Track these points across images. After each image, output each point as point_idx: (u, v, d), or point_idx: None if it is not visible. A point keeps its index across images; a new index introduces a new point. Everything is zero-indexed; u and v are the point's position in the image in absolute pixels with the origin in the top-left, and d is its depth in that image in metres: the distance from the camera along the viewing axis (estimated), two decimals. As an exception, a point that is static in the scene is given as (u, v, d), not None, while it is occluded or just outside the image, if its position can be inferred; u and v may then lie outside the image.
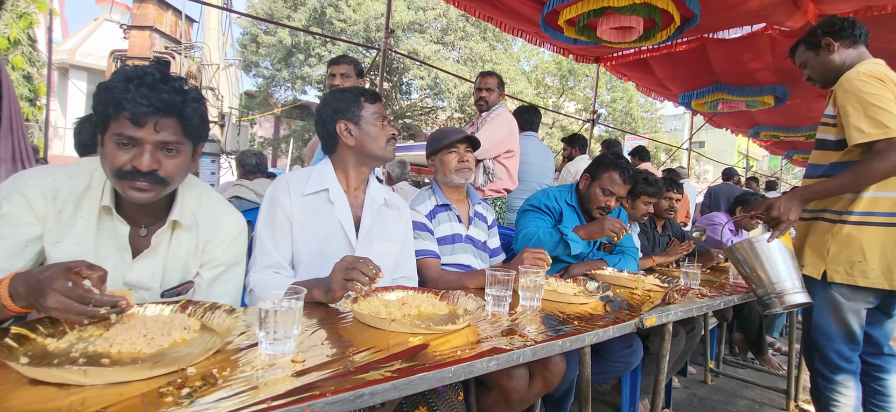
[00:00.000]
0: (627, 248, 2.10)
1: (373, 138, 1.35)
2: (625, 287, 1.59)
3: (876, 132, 1.46)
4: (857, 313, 1.60)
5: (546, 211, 1.96)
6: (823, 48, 1.70)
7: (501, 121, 2.59)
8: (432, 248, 1.61)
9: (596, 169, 1.95)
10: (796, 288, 1.58)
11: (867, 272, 1.53)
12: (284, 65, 16.67)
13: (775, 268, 1.58)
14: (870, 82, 1.49)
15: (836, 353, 1.64)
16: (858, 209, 1.56)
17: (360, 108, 1.35)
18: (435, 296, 1.18)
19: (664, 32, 4.88)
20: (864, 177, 1.51)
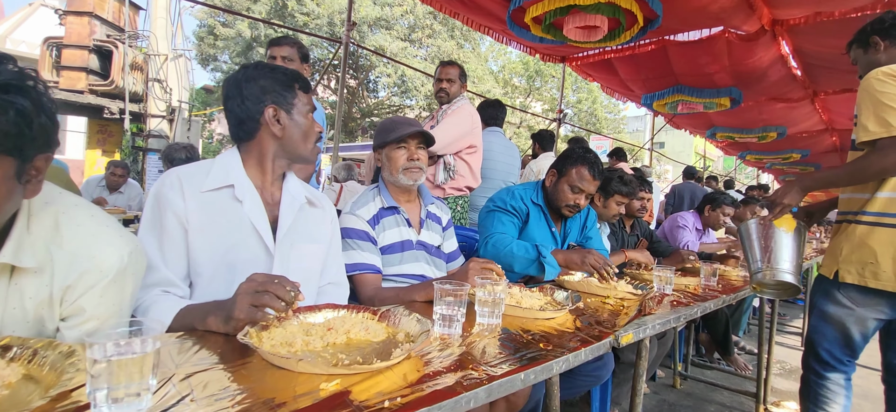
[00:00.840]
0: (598, 250, 1.95)
1: (302, 134, 1.14)
2: (596, 296, 1.45)
3: (880, 130, 1.44)
4: (862, 322, 1.56)
5: (512, 211, 1.79)
6: (871, 46, 1.67)
7: (463, 114, 2.41)
8: (371, 261, 1.39)
9: (563, 164, 1.79)
10: (787, 269, 1.59)
11: (878, 273, 1.50)
12: (244, 59, 15.86)
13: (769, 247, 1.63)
14: (886, 81, 1.46)
15: (828, 353, 1.63)
16: (873, 209, 1.54)
17: (294, 94, 1.13)
18: (372, 316, 0.98)
19: (628, 33, 4.94)
20: (860, 170, 1.50)
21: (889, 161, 1.45)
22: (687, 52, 5.99)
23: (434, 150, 2.33)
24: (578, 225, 1.98)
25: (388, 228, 1.48)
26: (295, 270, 1.10)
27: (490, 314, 1.04)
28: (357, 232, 1.41)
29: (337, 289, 1.25)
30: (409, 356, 0.80)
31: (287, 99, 1.12)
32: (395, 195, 1.52)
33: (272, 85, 1.11)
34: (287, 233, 1.11)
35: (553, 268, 1.61)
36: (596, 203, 2.30)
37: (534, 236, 1.78)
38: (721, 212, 3.06)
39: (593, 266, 1.57)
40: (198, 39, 17.16)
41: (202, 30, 16.78)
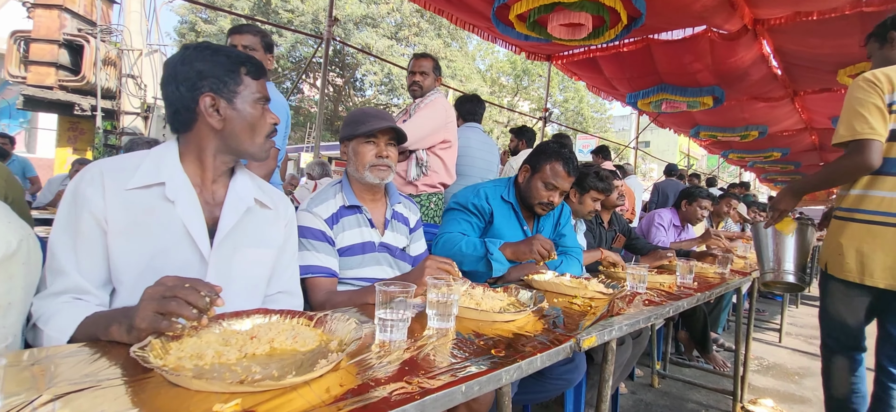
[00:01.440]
0: (570, 248, 1.88)
1: (247, 127, 1.00)
2: (564, 295, 1.39)
3: (846, 134, 1.57)
4: (851, 308, 1.65)
5: (474, 211, 1.70)
6: (888, 42, 1.72)
7: (437, 107, 2.32)
8: (326, 264, 1.29)
9: (537, 160, 1.71)
10: (792, 270, 1.76)
11: (844, 266, 1.61)
12: (226, 56, 15.51)
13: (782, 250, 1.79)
14: (862, 86, 1.57)
15: (830, 338, 1.75)
16: (845, 205, 1.65)
17: (238, 81, 0.99)
18: (307, 322, 0.89)
19: (612, 31, 4.96)
20: (830, 171, 1.64)
21: (854, 162, 1.56)
22: (670, 51, 6.04)
23: (405, 145, 2.25)
24: (551, 222, 1.89)
25: (347, 228, 1.37)
26: (237, 278, 1.00)
27: (441, 317, 0.96)
28: (312, 231, 1.30)
29: (289, 300, 1.15)
30: (338, 367, 0.72)
31: (228, 86, 0.98)
32: (358, 193, 1.41)
33: (211, 69, 0.96)
34: (227, 237, 0.99)
35: (500, 264, 1.52)
36: (571, 200, 2.24)
37: (502, 235, 1.69)
38: (697, 205, 3.03)
39: (540, 251, 1.48)
40: (179, 36, 16.80)
41: (184, 26, 16.43)
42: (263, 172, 1.79)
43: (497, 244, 1.56)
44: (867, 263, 1.57)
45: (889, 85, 1.55)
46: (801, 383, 2.96)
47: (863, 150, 1.55)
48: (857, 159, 1.56)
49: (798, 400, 2.70)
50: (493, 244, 1.55)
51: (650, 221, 3.07)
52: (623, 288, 1.51)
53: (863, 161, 1.55)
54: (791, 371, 3.17)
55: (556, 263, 1.77)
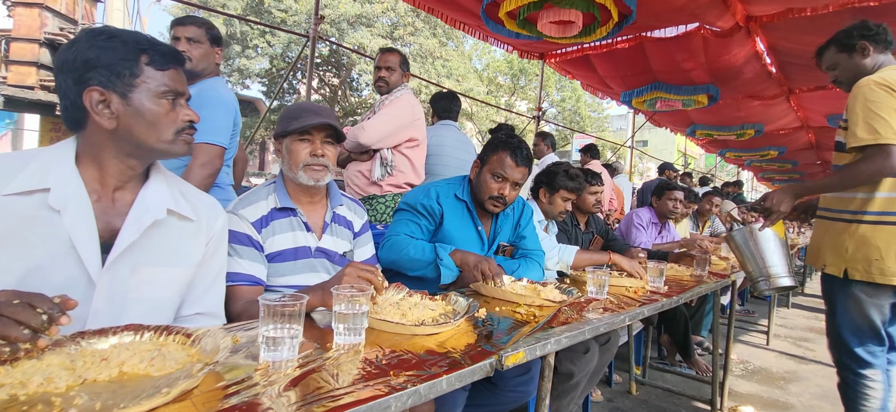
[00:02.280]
0: (530, 251, 1.76)
1: (149, 126, 0.88)
2: (510, 302, 1.28)
3: (868, 137, 1.54)
4: (880, 309, 1.64)
5: (423, 212, 1.59)
6: (858, 51, 1.73)
7: (402, 104, 2.22)
8: (249, 271, 1.19)
9: (485, 152, 1.62)
10: (784, 272, 1.72)
11: (885, 269, 1.58)
12: (220, 56, 15.46)
13: (767, 254, 1.74)
14: (878, 90, 1.55)
15: (863, 348, 1.68)
16: (874, 209, 1.62)
17: (136, 72, 0.87)
18: (184, 340, 0.78)
19: (603, 28, 4.92)
20: (850, 178, 1.60)
21: (876, 167, 1.53)
22: (664, 49, 5.97)
23: (369, 143, 2.16)
24: (511, 222, 1.78)
25: (279, 232, 1.27)
26: (135, 301, 0.90)
27: (348, 331, 0.86)
28: (236, 236, 1.19)
29: (209, 323, 1.03)
30: (187, 395, 0.62)
31: (123, 78, 0.86)
32: (294, 194, 1.31)
33: (102, 58, 0.84)
34: (125, 254, 0.88)
35: (450, 270, 1.42)
36: (541, 199, 2.14)
37: (453, 237, 1.59)
38: (668, 198, 2.93)
39: (482, 271, 1.36)
40: (173, 37, 16.68)
41: (178, 26, 16.32)
42: (204, 174, 1.68)
43: (447, 249, 1.45)
44: None
45: None
46: (786, 388, 2.86)
47: (886, 154, 1.52)
48: (882, 164, 1.53)
49: (782, 406, 2.60)
50: (444, 249, 1.44)
51: (629, 222, 2.97)
52: (581, 294, 1.41)
53: (884, 166, 1.53)
54: (777, 375, 3.07)
55: (515, 266, 1.67)
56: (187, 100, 0.97)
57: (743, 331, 4.09)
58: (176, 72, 0.93)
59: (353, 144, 2.16)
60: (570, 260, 2.00)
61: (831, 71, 1.82)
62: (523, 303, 1.24)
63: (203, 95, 1.74)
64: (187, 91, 0.97)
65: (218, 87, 1.81)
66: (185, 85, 0.95)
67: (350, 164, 2.27)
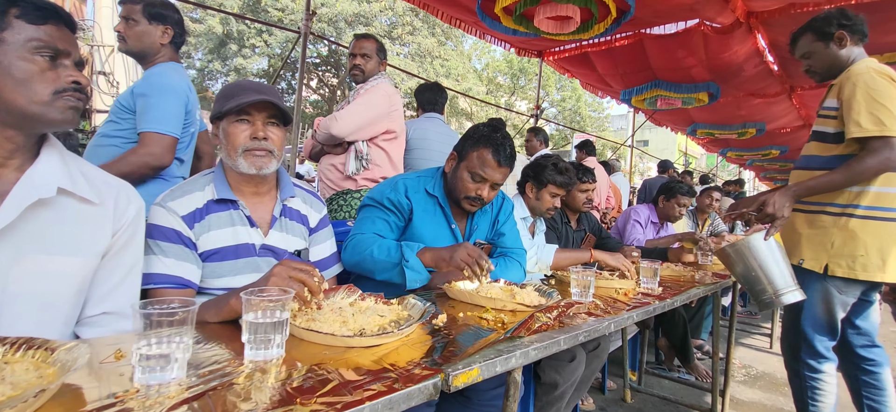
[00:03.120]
0: (510, 250, 1.61)
1: (18, 82, 0.77)
2: (478, 306, 1.13)
3: (873, 129, 1.46)
4: (845, 305, 1.63)
5: (390, 208, 1.44)
6: (835, 41, 1.66)
7: (379, 94, 2.10)
8: (173, 272, 1.04)
9: (463, 145, 1.45)
10: (790, 286, 1.59)
11: (867, 265, 1.55)
12: (216, 56, 15.39)
13: (770, 267, 1.61)
14: (879, 79, 1.49)
15: (822, 344, 1.67)
16: (864, 203, 1.56)
17: (4, 24, 0.77)
18: (46, 356, 0.63)
19: (601, 25, 4.89)
20: (856, 173, 1.52)
21: (882, 160, 1.46)
22: (663, 46, 5.89)
23: (342, 134, 2.04)
24: (488, 219, 1.61)
25: (215, 227, 1.11)
26: (17, 296, 0.79)
27: (259, 344, 0.72)
28: (162, 230, 1.04)
29: (117, 323, 0.91)
30: None
31: None
32: (235, 185, 1.15)
33: None
34: (3, 240, 0.76)
35: (416, 273, 1.26)
36: (528, 194, 2.01)
37: (424, 236, 1.43)
38: (676, 202, 2.78)
39: (464, 263, 1.20)
40: (171, 36, 16.64)
41: (175, 26, 16.28)
42: (141, 162, 1.53)
43: (415, 248, 1.29)
44: (887, 260, 1.54)
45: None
46: (791, 395, 2.73)
47: (894, 147, 1.46)
48: (888, 156, 1.46)
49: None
50: (410, 249, 1.28)
51: (626, 218, 2.84)
52: (564, 297, 1.29)
53: (891, 158, 1.46)
54: (781, 381, 2.94)
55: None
56: (82, 67, 0.86)
57: (745, 334, 3.96)
58: (56, 28, 0.82)
59: (325, 136, 2.05)
60: (549, 260, 1.86)
61: (805, 59, 1.74)
62: (491, 309, 1.10)
63: (149, 81, 1.63)
64: (77, 53, 0.86)
65: (166, 72, 1.67)
66: (72, 45, 0.84)
67: (323, 158, 2.15)
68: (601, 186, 4.27)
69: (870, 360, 1.70)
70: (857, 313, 1.70)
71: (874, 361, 1.70)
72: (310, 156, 2.23)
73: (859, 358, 1.72)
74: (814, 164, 1.70)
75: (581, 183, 2.29)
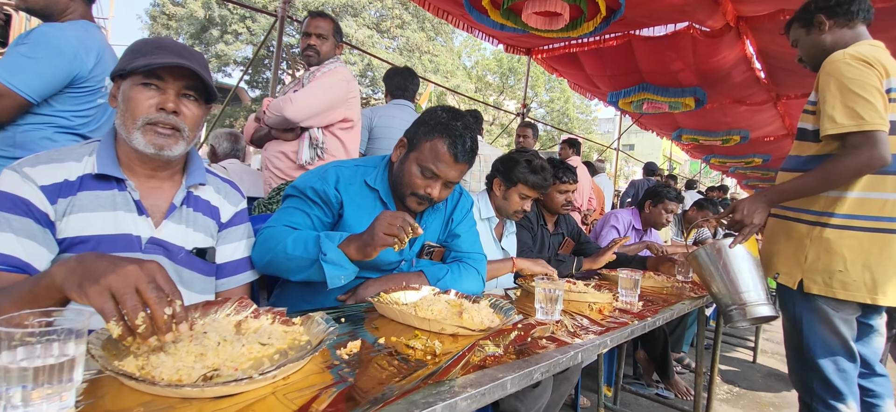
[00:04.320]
0: (466, 254, 1.34)
1: None
2: (410, 328, 0.90)
3: (849, 123, 1.28)
4: (849, 324, 1.41)
5: (314, 199, 1.19)
6: (815, 26, 1.52)
7: (337, 78, 1.87)
8: (13, 251, 0.81)
9: (415, 132, 1.21)
10: (762, 299, 1.44)
11: (848, 283, 1.35)
12: (198, 42, 14.86)
13: (739, 277, 1.46)
14: (854, 65, 1.31)
15: (839, 376, 1.41)
16: (842, 211, 1.37)
17: None
18: None
19: (590, 23, 4.84)
20: (833, 175, 1.34)
21: (863, 159, 1.28)
22: (652, 48, 5.82)
23: (297, 119, 1.80)
24: (441, 218, 1.35)
25: (88, 209, 0.88)
26: None
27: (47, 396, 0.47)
28: (7, 198, 0.82)
29: None
30: None
31: None
32: (127, 161, 0.93)
33: None
34: None
35: (338, 268, 0.98)
36: (495, 192, 1.79)
37: None
38: (663, 208, 2.58)
39: (390, 231, 0.95)
40: (151, 19, 16.11)
41: (154, 8, 15.75)
42: None
43: (336, 239, 1.03)
44: (877, 278, 1.32)
45: (883, 68, 1.32)
46: (774, 415, 2.59)
47: (872, 143, 1.26)
48: (870, 155, 1.26)
49: (770, 436, 2.33)
50: (330, 240, 1.02)
51: (605, 221, 2.64)
52: (527, 314, 1.08)
53: (872, 157, 1.27)
54: (766, 399, 2.81)
55: (440, 273, 1.26)
56: None
57: (728, 346, 3.84)
58: None
59: (277, 119, 1.80)
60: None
61: (795, 47, 1.63)
62: (422, 333, 0.85)
63: (32, 33, 1.40)
64: None
65: (55, 29, 1.42)
66: None
67: (270, 143, 1.91)
68: (583, 187, 4.10)
69: (869, 391, 1.50)
70: (858, 338, 1.48)
71: (873, 392, 1.49)
72: (252, 140, 1.99)
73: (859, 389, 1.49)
74: (791, 165, 1.54)
75: (561, 183, 2.08)
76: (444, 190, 1.21)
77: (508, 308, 1.02)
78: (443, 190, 1.21)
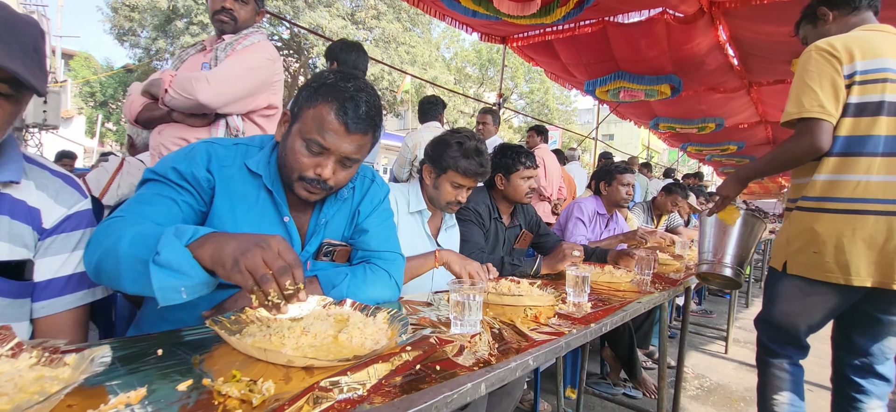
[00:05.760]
0: (375, 253, 1.11)
1: None
2: (273, 355, 0.66)
3: (794, 111, 1.41)
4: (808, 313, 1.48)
5: (178, 182, 0.92)
6: (820, 19, 1.59)
7: (260, 57, 1.59)
8: None
9: (299, 100, 0.95)
10: (728, 263, 1.63)
11: (823, 265, 1.40)
12: (162, 33, 14.21)
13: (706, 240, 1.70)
14: (815, 57, 1.41)
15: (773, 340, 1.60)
16: (813, 193, 1.43)
17: None
18: None
19: (563, 9, 4.78)
20: (781, 157, 1.46)
21: (800, 145, 1.39)
22: (627, 35, 5.76)
23: (215, 104, 1.53)
24: (347, 210, 1.11)
25: None
26: None
27: None
28: None
29: None
30: None
31: None
32: None
33: None
34: None
35: (176, 278, 0.68)
36: (425, 181, 1.56)
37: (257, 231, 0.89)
38: (618, 182, 2.42)
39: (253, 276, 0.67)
40: (112, 10, 15.36)
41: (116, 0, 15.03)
42: None
43: (188, 234, 0.73)
44: (851, 260, 1.35)
45: (847, 54, 1.38)
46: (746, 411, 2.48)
47: (811, 130, 1.37)
48: (805, 142, 1.39)
49: (741, 434, 2.21)
50: (179, 236, 0.72)
51: (569, 213, 2.46)
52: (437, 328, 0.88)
53: (810, 143, 1.37)
54: (737, 394, 2.70)
55: (339, 278, 1.01)
56: None
57: (698, 336, 3.74)
58: None
59: (186, 102, 1.51)
60: None
61: (805, 45, 1.61)
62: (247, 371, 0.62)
63: None
64: None
65: None
66: None
67: (166, 127, 1.58)
68: (553, 176, 3.94)
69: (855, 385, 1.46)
70: (857, 326, 1.47)
71: (864, 390, 1.45)
72: (138, 119, 1.64)
73: (845, 381, 1.50)
74: None
75: (524, 168, 1.87)
76: (342, 170, 0.97)
77: (404, 317, 0.81)
78: (339, 170, 0.96)
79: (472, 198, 1.92)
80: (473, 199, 1.90)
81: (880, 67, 1.34)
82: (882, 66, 1.34)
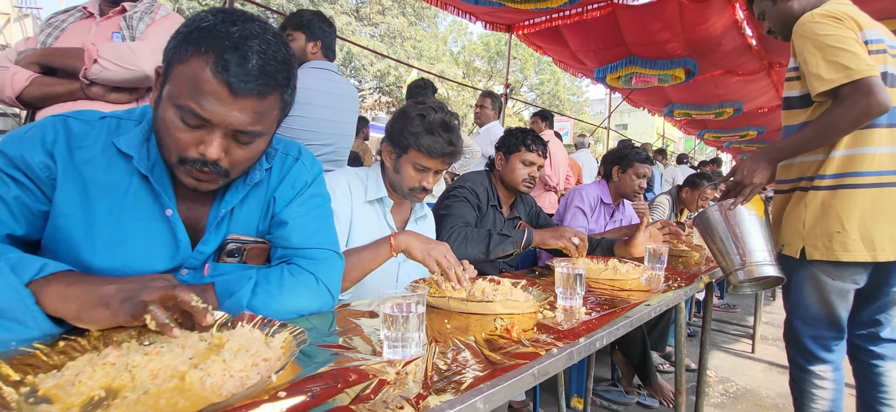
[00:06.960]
0: (296, 253, 0.85)
1: None
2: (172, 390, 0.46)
3: (838, 76, 1.30)
4: (844, 295, 1.42)
5: (5, 172, 0.69)
6: None
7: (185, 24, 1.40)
8: None
9: (168, 58, 0.69)
10: (767, 260, 1.41)
11: (848, 244, 1.35)
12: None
13: (746, 238, 1.45)
14: (825, 22, 1.35)
15: (813, 340, 1.49)
16: (831, 171, 1.38)
17: None
18: None
19: None
20: (830, 128, 1.34)
21: (859, 108, 1.27)
22: (637, 18, 5.52)
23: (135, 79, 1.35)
24: (261, 198, 0.85)
25: None
26: None
27: None
28: None
29: None
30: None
31: None
32: None
33: None
34: None
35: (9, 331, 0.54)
36: (385, 163, 1.31)
37: (96, 238, 0.73)
38: (634, 172, 2.13)
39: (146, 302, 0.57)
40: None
41: None
42: None
43: (32, 269, 0.60)
44: (874, 236, 1.32)
45: (854, 23, 1.33)
46: (776, 417, 2.20)
47: (868, 91, 1.25)
48: (861, 104, 1.26)
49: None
50: (16, 271, 0.60)
51: (568, 201, 2.18)
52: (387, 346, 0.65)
53: (870, 105, 1.25)
54: (768, 400, 2.41)
55: (239, 285, 0.76)
56: None
57: (721, 334, 3.44)
58: None
59: (128, 73, 1.32)
60: None
61: (762, 20, 1.61)
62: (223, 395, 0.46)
63: None
64: None
65: None
66: None
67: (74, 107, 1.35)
68: (559, 164, 3.67)
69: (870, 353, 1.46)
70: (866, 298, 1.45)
71: (877, 354, 1.45)
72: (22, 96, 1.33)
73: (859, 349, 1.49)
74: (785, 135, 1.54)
75: (526, 151, 1.73)
76: (238, 148, 0.72)
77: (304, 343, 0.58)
78: (233, 147, 0.71)
79: (470, 178, 1.80)
80: (472, 179, 1.78)
81: (877, 38, 1.34)
82: (878, 37, 1.34)
